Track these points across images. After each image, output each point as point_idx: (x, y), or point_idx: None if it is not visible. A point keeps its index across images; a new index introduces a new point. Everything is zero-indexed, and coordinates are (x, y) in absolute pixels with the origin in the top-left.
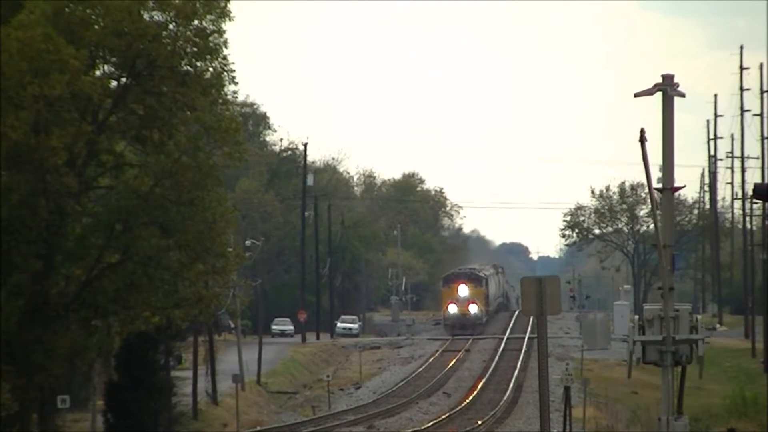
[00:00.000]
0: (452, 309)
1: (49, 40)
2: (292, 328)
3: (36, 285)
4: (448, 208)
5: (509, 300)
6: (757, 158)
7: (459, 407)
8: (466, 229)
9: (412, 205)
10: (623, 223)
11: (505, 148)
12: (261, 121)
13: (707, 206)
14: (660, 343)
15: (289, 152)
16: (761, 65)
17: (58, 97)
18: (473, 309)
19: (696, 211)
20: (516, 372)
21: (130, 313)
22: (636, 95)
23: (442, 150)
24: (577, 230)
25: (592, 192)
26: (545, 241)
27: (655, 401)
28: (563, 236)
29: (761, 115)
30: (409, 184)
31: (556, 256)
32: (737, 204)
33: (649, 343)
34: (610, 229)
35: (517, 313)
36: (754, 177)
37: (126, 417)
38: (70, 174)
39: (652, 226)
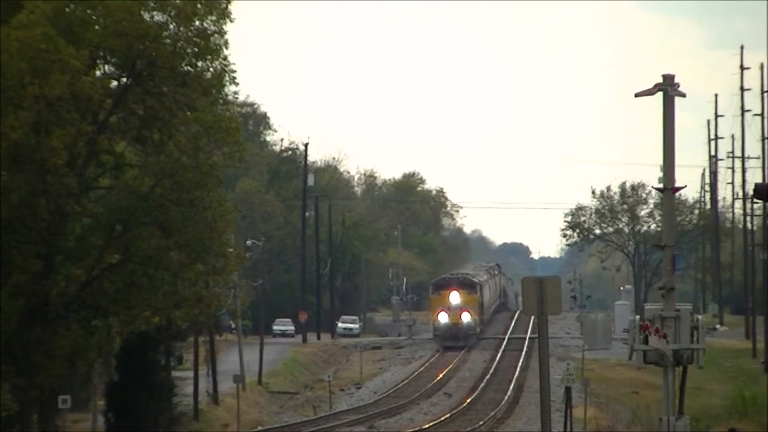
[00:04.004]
0: (443, 318)
1: (49, 40)
2: (292, 328)
3: (36, 285)
4: (448, 208)
5: (507, 296)
6: (758, 158)
7: (460, 407)
8: (467, 229)
9: (413, 206)
10: (624, 223)
11: (505, 148)
12: (261, 121)
13: (708, 206)
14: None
15: (290, 152)
16: (762, 65)
17: (58, 97)
18: (466, 318)
19: (696, 211)
20: (517, 372)
21: (130, 313)
22: (637, 95)
23: (442, 150)
24: (577, 230)
25: (593, 192)
26: (546, 241)
27: (655, 401)
28: (564, 236)
29: (762, 115)
30: (409, 184)
31: (557, 256)
32: (738, 204)
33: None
34: (610, 229)
35: (518, 313)
36: (754, 177)
37: (126, 417)
38: (70, 174)
39: (653, 226)
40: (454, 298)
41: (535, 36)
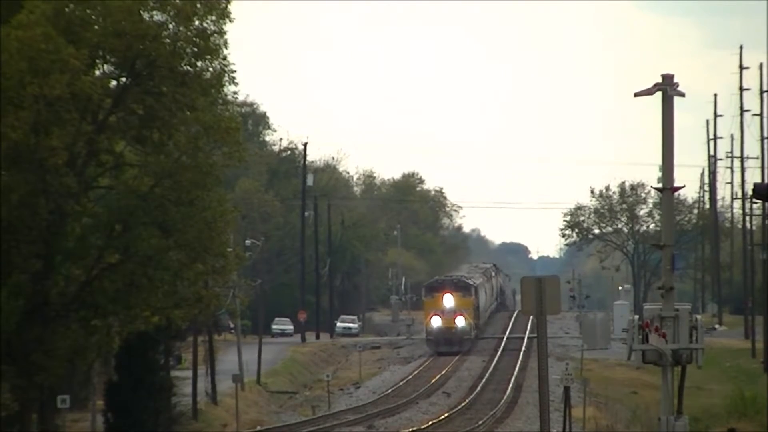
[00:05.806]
0: (436, 322)
1: (49, 40)
2: (291, 327)
3: (36, 285)
4: (447, 208)
5: (504, 295)
6: (757, 158)
7: (459, 407)
8: (466, 229)
9: (412, 205)
10: (623, 223)
11: (505, 148)
12: (261, 120)
13: (707, 206)
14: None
15: (289, 152)
16: (761, 65)
17: (58, 97)
18: (460, 322)
19: (696, 211)
20: (516, 372)
21: (130, 313)
22: (636, 95)
23: (442, 150)
24: (576, 230)
25: (592, 192)
26: (545, 241)
27: (655, 401)
28: (563, 236)
29: (761, 114)
30: (408, 184)
31: (556, 256)
32: (737, 204)
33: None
34: (609, 228)
35: (516, 313)
36: (753, 177)
37: (126, 417)
38: (70, 174)
39: (652, 225)
40: (448, 301)
41: (535, 36)
